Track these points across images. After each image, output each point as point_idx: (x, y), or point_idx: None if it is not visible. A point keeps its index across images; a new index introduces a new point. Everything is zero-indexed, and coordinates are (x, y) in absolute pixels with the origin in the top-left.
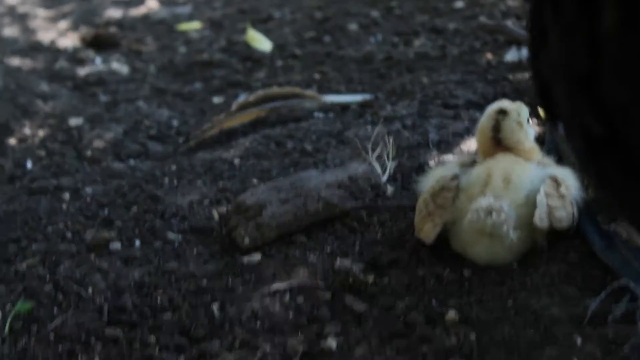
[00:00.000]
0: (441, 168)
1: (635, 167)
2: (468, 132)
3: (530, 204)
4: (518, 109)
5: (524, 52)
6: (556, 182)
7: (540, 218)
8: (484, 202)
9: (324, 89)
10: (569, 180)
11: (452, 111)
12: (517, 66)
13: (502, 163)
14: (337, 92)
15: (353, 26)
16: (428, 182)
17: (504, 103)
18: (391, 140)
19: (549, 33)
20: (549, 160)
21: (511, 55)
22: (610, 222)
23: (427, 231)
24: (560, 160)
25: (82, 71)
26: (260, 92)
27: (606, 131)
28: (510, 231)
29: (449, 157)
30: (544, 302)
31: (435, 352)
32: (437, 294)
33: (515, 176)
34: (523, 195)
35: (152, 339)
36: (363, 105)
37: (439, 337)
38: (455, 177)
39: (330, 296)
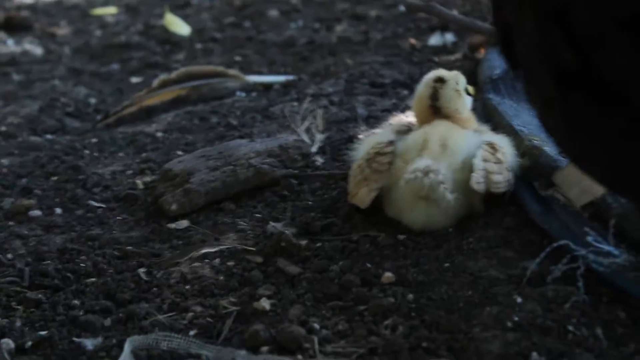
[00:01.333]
0: (376, 135)
1: (608, 95)
2: (396, 107)
3: (467, 169)
4: (456, 78)
5: (448, 36)
6: (493, 147)
7: (477, 181)
8: (421, 163)
9: (246, 71)
10: (506, 147)
11: (379, 89)
12: (441, 49)
13: (438, 128)
14: (260, 73)
15: (273, 12)
16: (363, 149)
17: (442, 71)
18: (320, 112)
19: None
20: (485, 128)
21: (435, 40)
22: (548, 188)
23: (362, 196)
24: (494, 129)
25: None
26: (182, 70)
27: (578, 60)
28: (447, 193)
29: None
30: (481, 264)
31: (373, 312)
32: (372, 257)
33: (452, 141)
34: (460, 160)
35: (77, 302)
36: (287, 85)
37: (375, 298)
38: (391, 142)
39: (262, 260)
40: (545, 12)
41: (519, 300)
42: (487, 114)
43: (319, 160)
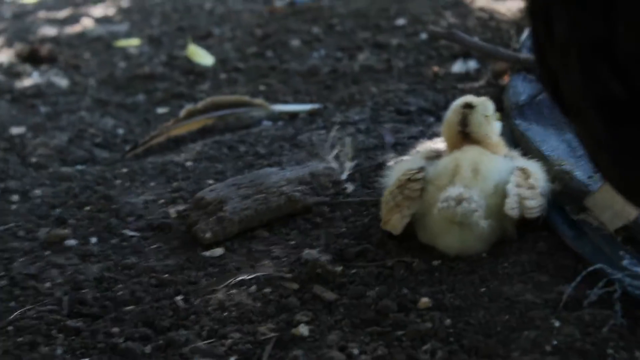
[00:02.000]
0: (406, 161)
1: None
2: (423, 134)
3: (499, 194)
4: (484, 103)
5: (471, 63)
6: (525, 173)
7: (511, 207)
8: (453, 191)
9: (271, 100)
10: (537, 172)
11: (405, 117)
12: (464, 77)
13: (469, 154)
14: (285, 102)
15: (295, 42)
16: (393, 175)
17: (470, 97)
18: (349, 140)
19: (554, 20)
20: (515, 153)
21: (458, 67)
22: (579, 213)
23: (395, 222)
24: (523, 154)
25: (20, 84)
26: (208, 100)
27: (625, 88)
28: (480, 220)
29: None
30: (517, 289)
31: (411, 337)
32: (408, 282)
33: (483, 167)
34: (492, 185)
35: (116, 330)
36: (312, 114)
37: (413, 323)
38: (421, 168)
39: (298, 286)
40: (587, 46)
41: (557, 324)
42: (515, 140)
43: (350, 187)
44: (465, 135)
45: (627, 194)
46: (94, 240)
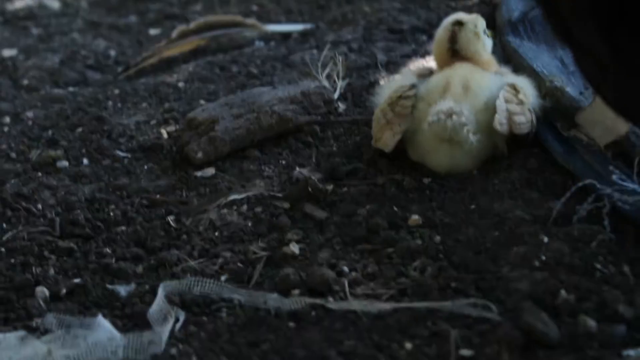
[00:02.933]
0: (397, 79)
1: None
2: (415, 53)
3: (490, 110)
4: (475, 20)
5: None
6: (515, 89)
7: (500, 122)
8: (444, 105)
9: (263, 20)
10: (527, 88)
11: (397, 35)
12: None
13: (460, 71)
14: (277, 22)
15: None
16: (385, 93)
17: (461, 15)
18: (341, 59)
19: None
20: (506, 70)
21: None
22: (570, 129)
23: (386, 139)
24: (515, 71)
25: (11, 6)
26: (201, 20)
27: None
28: (470, 135)
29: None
30: (506, 205)
31: (401, 254)
32: (398, 200)
33: (474, 83)
34: (482, 101)
35: (108, 250)
36: (305, 33)
37: (403, 240)
38: (413, 85)
39: (289, 205)
40: None
41: (546, 239)
42: (506, 57)
43: (341, 106)
44: (455, 53)
45: (629, 115)
46: (85, 161)
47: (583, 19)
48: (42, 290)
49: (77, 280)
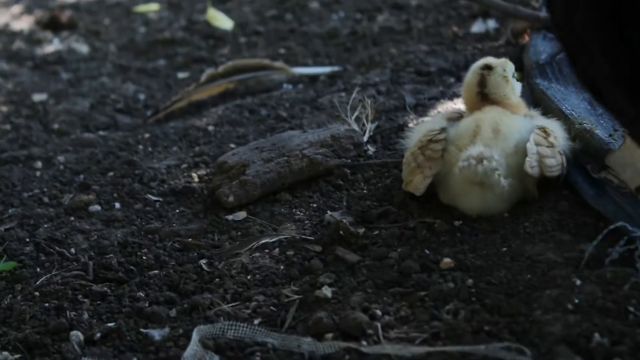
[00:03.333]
0: (427, 122)
1: None
2: (443, 95)
3: (520, 153)
4: (503, 64)
5: (490, 23)
6: (545, 131)
7: (531, 165)
8: (474, 150)
9: (291, 63)
10: (557, 130)
11: (425, 78)
12: (484, 36)
13: (490, 114)
14: (304, 65)
15: (314, 4)
16: (415, 136)
17: (489, 59)
18: (369, 102)
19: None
20: (535, 113)
21: (477, 27)
22: (600, 171)
23: (417, 183)
24: (544, 113)
25: (41, 51)
26: (229, 64)
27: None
28: (501, 178)
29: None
30: (538, 248)
31: (434, 297)
32: (430, 243)
33: (503, 126)
34: (512, 144)
35: (142, 294)
36: (332, 76)
37: (435, 283)
38: (443, 129)
39: (321, 249)
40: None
41: (578, 282)
42: (535, 99)
43: (371, 149)
44: (484, 97)
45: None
46: (117, 205)
47: (610, 87)
48: (76, 335)
49: (111, 325)
